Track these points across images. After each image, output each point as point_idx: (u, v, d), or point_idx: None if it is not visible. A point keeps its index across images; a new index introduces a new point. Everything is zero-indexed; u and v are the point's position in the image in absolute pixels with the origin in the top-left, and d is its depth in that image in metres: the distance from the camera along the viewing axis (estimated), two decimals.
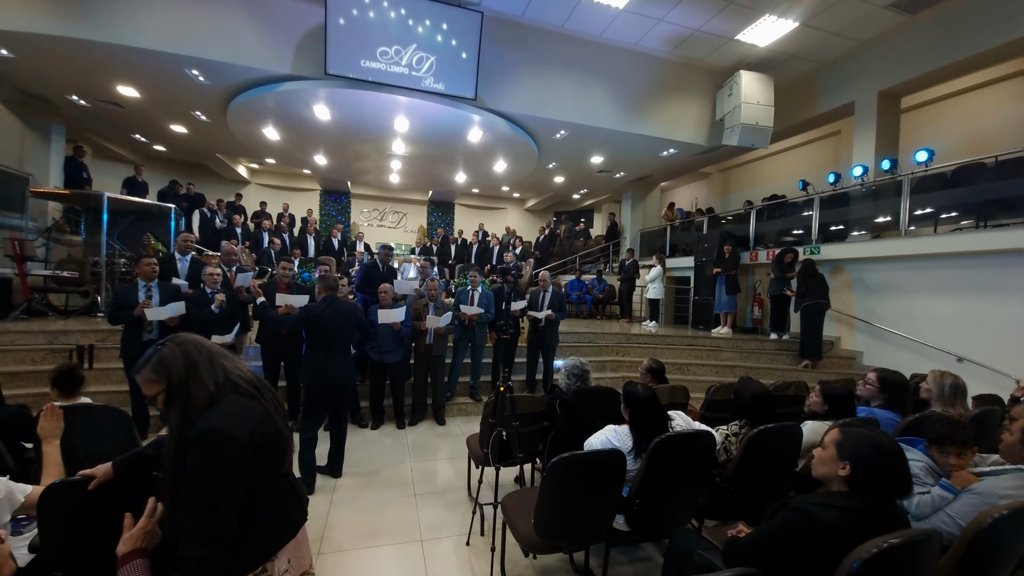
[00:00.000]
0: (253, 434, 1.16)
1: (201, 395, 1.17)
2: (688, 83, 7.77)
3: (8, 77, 6.47)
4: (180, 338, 1.25)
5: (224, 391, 1.20)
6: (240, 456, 1.12)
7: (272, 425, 1.24)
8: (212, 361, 1.23)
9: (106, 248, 6.42)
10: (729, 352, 6.84)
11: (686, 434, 2.15)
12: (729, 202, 11.76)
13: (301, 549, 1.42)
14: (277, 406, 1.31)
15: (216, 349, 1.27)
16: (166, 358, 1.19)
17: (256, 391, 1.26)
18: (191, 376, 1.18)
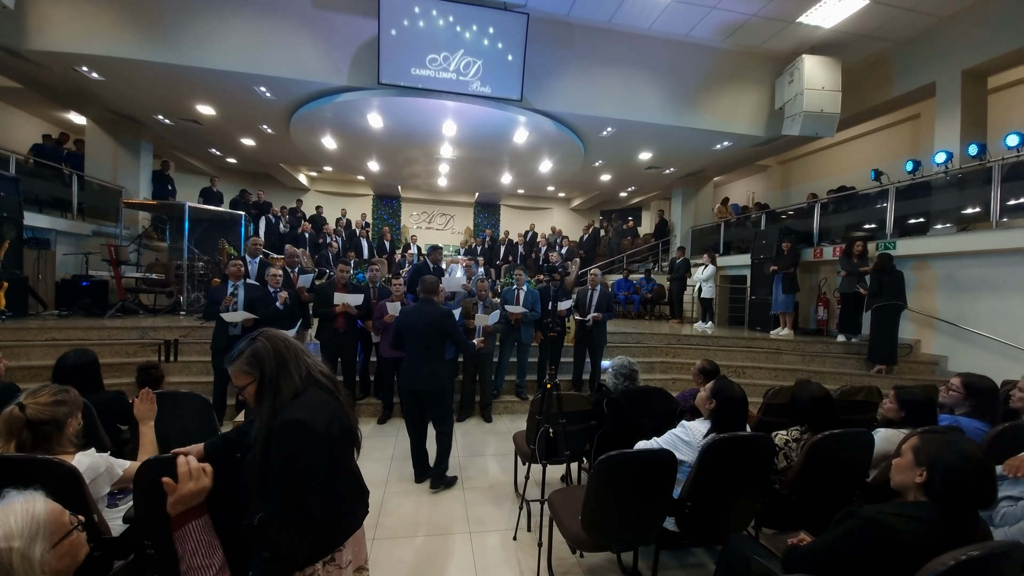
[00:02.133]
0: (331, 426, 1.22)
1: (289, 388, 1.23)
2: (744, 72, 7.39)
3: (101, 99, 7.28)
4: (270, 333, 1.32)
5: (307, 385, 1.27)
6: (319, 446, 1.18)
7: (346, 418, 1.31)
8: (298, 357, 1.29)
9: (187, 253, 7.07)
10: (790, 355, 6.44)
11: (741, 437, 2.06)
12: (790, 196, 11.05)
13: (359, 543, 1.49)
14: (349, 400, 1.38)
15: (300, 345, 1.35)
16: (259, 352, 1.25)
17: (333, 386, 1.34)
18: (281, 370, 1.24)
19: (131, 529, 1.74)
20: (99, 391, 2.43)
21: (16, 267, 5.86)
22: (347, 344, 4.77)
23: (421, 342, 3.34)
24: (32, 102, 8.61)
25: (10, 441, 1.53)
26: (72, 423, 1.66)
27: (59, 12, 5.51)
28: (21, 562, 0.84)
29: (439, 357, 3.42)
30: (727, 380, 2.23)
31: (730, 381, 2.23)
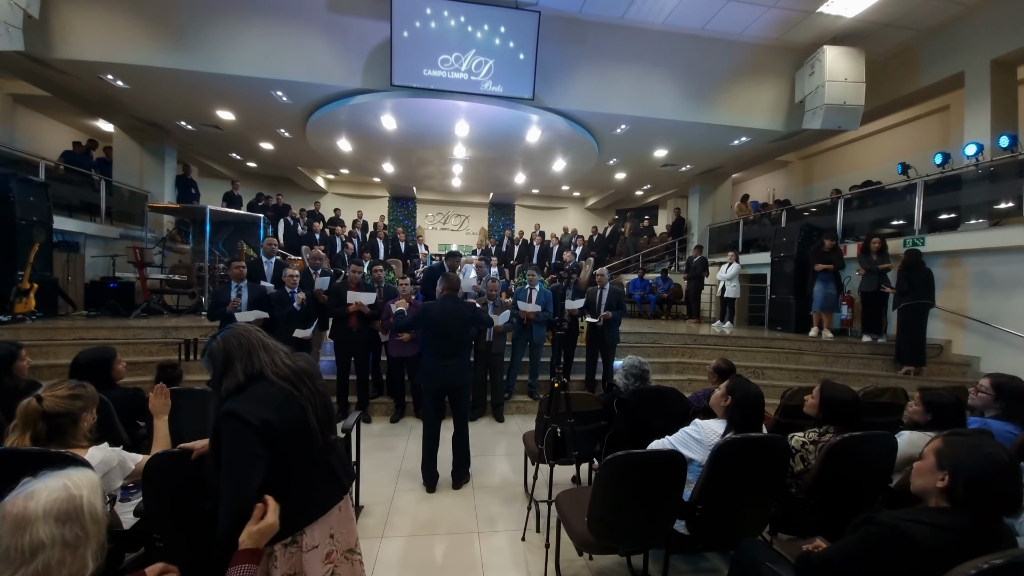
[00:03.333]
0: (271, 416, 1.29)
1: (231, 384, 1.33)
2: (762, 65, 7.21)
3: (127, 106, 7.54)
4: (229, 333, 1.42)
5: (254, 381, 1.35)
6: (250, 435, 1.25)
7: (298, 413, 1.36)
8: (250, 354, 1.38)
9: (208, 254, 7.26)
10: (812, 355, 6.24)
11: (755, 438, 1.99)
12: (812, 192, 10.74)
13: (346, 526, 1.51)
14: (314, 397, 1.42)
15: (261, 343, 1.42)
16: (212, 352, 1.38)
17: (291, 383, 1.39)
18: (227, 368, 1.35)
19: (141, 523, 1.77)
20: (114, 387, 2.49)
21: (46, 269, 6.09)
22: (360, 343, 4.81)
23: (456, 339, 3.35)
24: (61, 110, 8.96)
25: (26, 432, 1.57)
26: (87, 418, 1.70)
27: (83, 21, 5.71)
28: (90, 507, 0.97)
29: (469, 352, 3.54)
30: (743, 377, 2.16)
31: (747, 380, 2.16)
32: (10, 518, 0.89)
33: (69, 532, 0.93)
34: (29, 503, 0.90)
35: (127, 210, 8.64)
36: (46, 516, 0.91)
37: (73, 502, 0.95)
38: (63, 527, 0.93)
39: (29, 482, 0.95)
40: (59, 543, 0.92)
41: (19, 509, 0.89)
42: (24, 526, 0.89)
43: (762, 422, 2.16)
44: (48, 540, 0.91)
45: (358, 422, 3.00)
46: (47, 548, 0.91)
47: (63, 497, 0.94)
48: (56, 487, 0.95)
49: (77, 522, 0.95)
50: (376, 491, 3.28)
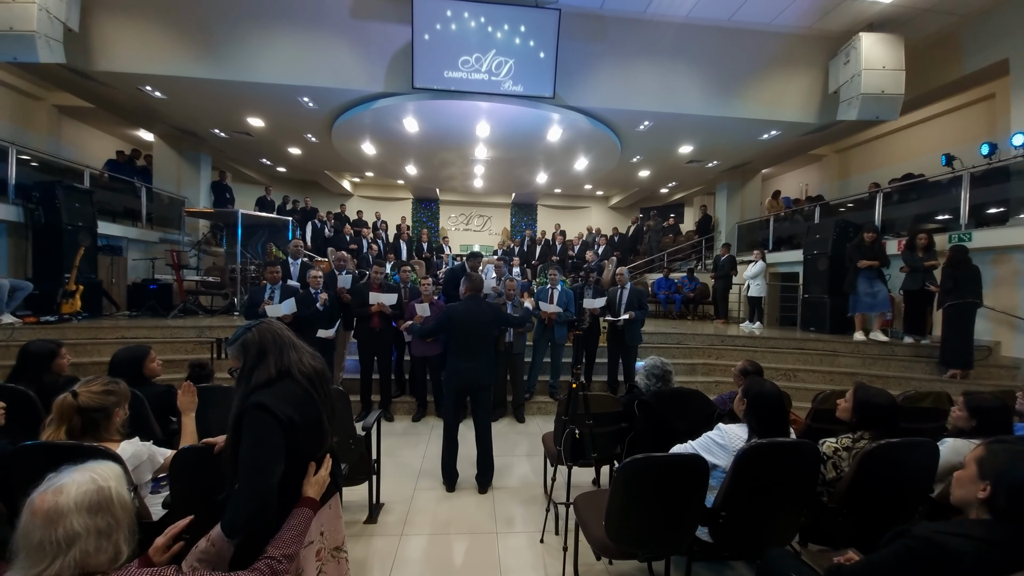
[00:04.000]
0: (293, 415, 1.32)
1: (261, 377, 1.36)
2: (793, 55, 6.94)
3: (164, 116, 7.90)
4: (263, 326, 1.45)
5: (282, 377, 1.38)
6: (276, 429, 1.29)
7: (314, 413, 1.41)
8: (282, 351, 1.41)
9: (240, 257, 7.52)
10: (848, 357, 5.96)
11: (782, 443, 1.91)
12: (849, 186, 10.28)
13: (334, 523, 1.55)
14: (327, 400, 1.47)
15: (291, 341, 1.46)
16: (248, 341, 1.41)
17: (311, 384, 1.42)
18: (260, 361, 1.38)
19: (169, 514, 1.84)
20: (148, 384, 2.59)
21: (91, 272, 6.43)
22: (383, 343, 4.88)
23: (479, 339, 3.36)
24: (104, 120, 9.46)
25: (61, 426, 1.65)
26: (119, 412, 1.78)
27: (121, 34, 6.00)
28: (119, 497, 1.02)
29: (491, 353, 3.54)
30: (759, 378, 2.08)
31: (763, 379, 2.07)
32: (41, 513, 0.93)
33: (102, 521, 0.98)
34: (59, 497, 0.94)
35: (166, 215, 9.05)
36: (78, 508, 0.95)
37: (103, 493, 0.99)
38: (95, 517, 0.97)
39: (53, 477, 0.99)
40: (93, 532, 0.96)
41: (50, 504, 0.93)
42: (57, 520, 0.93)
43: (787, 426, 2.06)
44: (83, 530, 0.95)
45: (378, 420, 3.04)
46: (82, 538, 0.95)
47: (92, 489, 0.99)
48: (84, 480, 0.99)
49: (108, 511, 0.99)
50: (397, 489, 3.32)
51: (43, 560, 0.92)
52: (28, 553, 0.91)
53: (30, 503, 0.95)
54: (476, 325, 3.35)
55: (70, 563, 0.93)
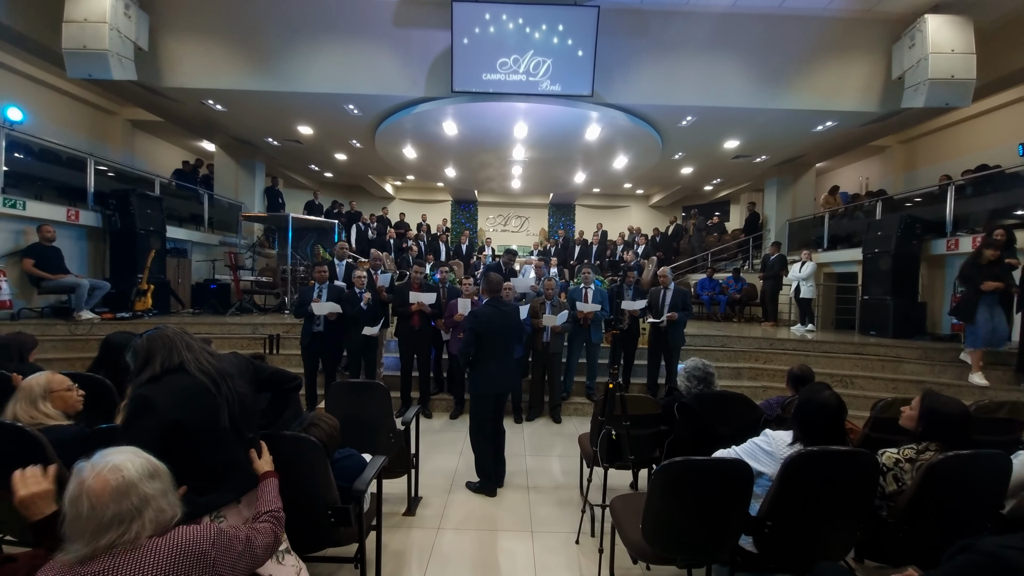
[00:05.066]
0: (174, 406, 1.42)
1: (146, 375, 1.47)
2: (851, 40, 6.49)
3: (224, 127, 8.47)
4: (154, 332, 1.57)
5: (171, 373, 1.48)
6: (150, 417, 1.39)
7: (206, 407, 1.48)
8: (171, 352, 1.51)
9: (291, 258, 7.93)
10: (915, 364, 5.51)
11: (834, 452, 1.79)
12: (915, 179, 9.49)
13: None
14: (232, 396, 1.54)
15: (185, 343, 1.56)
16: (136, 349, 1.54)
17: (213, 381, 1.51)
18: (146, 364, 1.49)
19: None
20: None
21: (160, 272, 6.98)
22: (422, 341, 5.00)
23: (503, 343, 3.35)
24: (171, 133, 10.24)
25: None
26: None
27: (185, 52, 6.49)
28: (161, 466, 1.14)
29: (512, 353, 3.54)
30: (814, 384, 1.96)
31: (819, 385, 1.96)
32: (108, 491, 1.02)
33: (160, 485, 1.11)
34: (122, 473, 1.04)
35: (225, 219, 9.68)
36: (141, 477, 1.07)
37: (151, 462, 1.12)
38: (155, 482, 1.10)
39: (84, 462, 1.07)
40: (159, 494, 1.09)
41: (117, 480, 1.02)
42: (127, 491, 1.04)
43: (842, 434, 1.94)
44: (152, 493, 1.08)
45: (417, 416, 3.11)
46: (153, 500, 1.07)
47: (142, 461, 1.11)
48: (131, 455, 1.10)
49: (160, 477, 1.12)
50: (434, 484, 3.38)
51: (120, 527, 1.02)
52: (98, 528, 1.00)
53: (87, 488, 1.01)
54: (502, 327, 3.33)
55: (145, 524, 1.05)
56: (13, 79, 7.49)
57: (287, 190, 11.95)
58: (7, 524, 1.95)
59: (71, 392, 2.07)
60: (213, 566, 1.10)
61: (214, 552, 1.11)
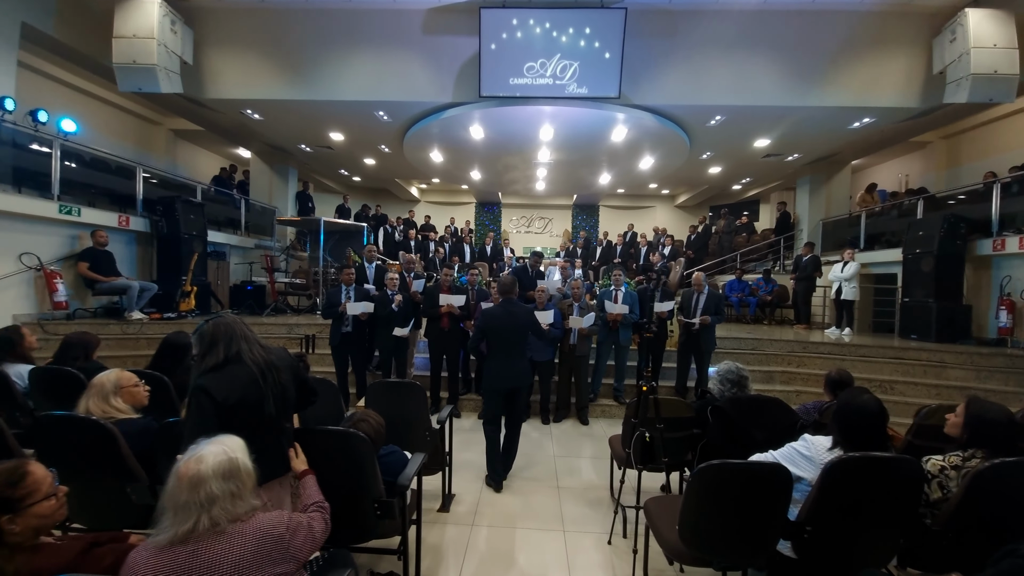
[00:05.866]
0: (230, 394, 1.55)
1: (210, 362, 1.60)
2: (889, 34, 6.29)
3: (260, 135, 8.82)
4: (219, 320, 1.68)
5: (230, 362, 1.60)
6: (208, 404, 1.53)
7: (256, 395, 1.61)
8: (231, 341, 1.63)
9: (322, 260, 8.19)
10: (958, 370, 5.31)
11: (877, 459, 1.77)
12: (959, 176, 9.08)
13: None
14: (276, 388, 1.66)
15: (243, 334, 1.68)
16: (203, 333, 1.65)
17: (261, 372, 1.63)
18: (210, 349, 1.62)
19: None
20: None
21: (202, 275, 7.32)
22: (451, 343, 5.09)
23: (511, 342, 3.43)
24: (211, 141, 10.72)
25: None
26: None
27: (226, 65, 6.80)
28: (244, 465, 1.22)
29: (526, 354, 3.63)
30: (854, 388, 1.94)
31: (859, 389, 1.94)
32: (186, 479, 1.13)
33: (232, 486, 1.18)
34: (200, 466, 1.14)
35: (260, 223, 10.06)
36: (215, 475, 1.15)
37: (232, 463, 1.19)
38: (228, 482, 1.17)
39: (193, 449, 1.19)
40: (227, 495, 1.16)
41: (193, 471, 1.13)
42: (199, 484, 1.13)
43: (883, 440, 1.91)
44: (220, 493, 1.15)
45: (451, 416, 3.20)
46: (220, 499, 1.15)
47: (224, 459, 1.19)
48: (218, 451, 1.19)
49: (237, 477, 1.19)
50: (465, 481, 3.46)
51: (189, 517, 1.12)
52: (175, 511, 1.11)
53: (176, 470, 1.15)
54: (512, 328, 3.40)
55: (211, 519, 1.13)
56: (66, 92, 8.02)
57: (316, 194, 12.30)
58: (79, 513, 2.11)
59: (138, 388, 2.24)
60: (287, 548, 1.19)
61: (288, 535, 1.20)
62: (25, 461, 1.22)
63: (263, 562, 1.14)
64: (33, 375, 2.90)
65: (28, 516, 1.13)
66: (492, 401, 3.51)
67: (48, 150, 5.87)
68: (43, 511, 1.17)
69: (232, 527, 1.14)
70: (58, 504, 1.23)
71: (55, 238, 5.91)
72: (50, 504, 1.19)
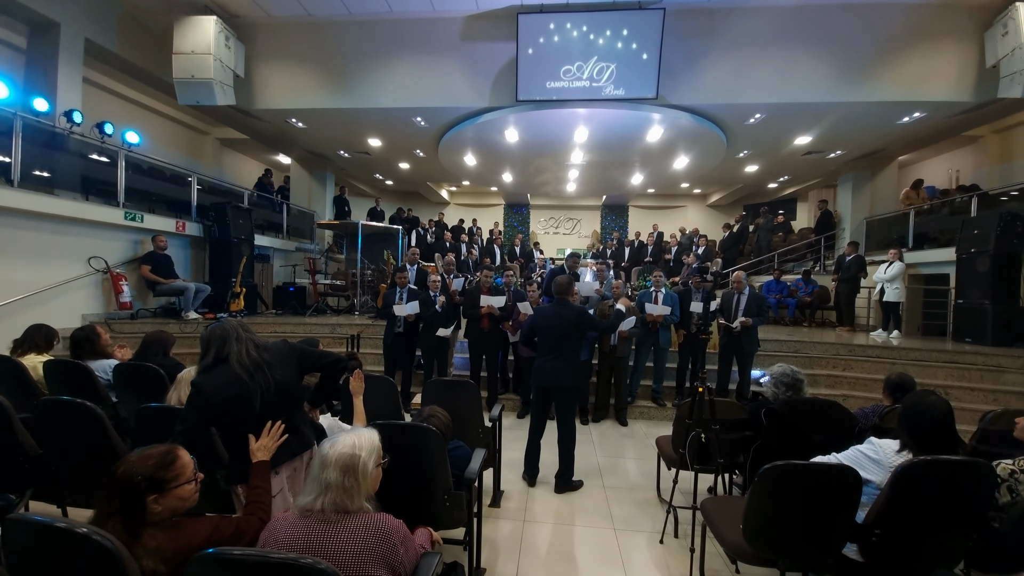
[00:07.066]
0: (219, 391, 1.66)
1: (206, 360, 1.74)
2: (939, 27, 6.07)
3: (301, 142, 9.17)
4: (216, 325, 1.82)
5: (219, 363, 1.72)
6: (197, 399, 1.66)
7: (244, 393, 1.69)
8: (226, 343, 1.75)
9: (359, 262, 8.44)
10: (1016, 374, 5.07)
11: (950, 462, 1.76)
12: (1013, 172, 8.61)
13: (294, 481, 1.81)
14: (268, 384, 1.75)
15: (236, 335, 1.79)
16: (202, 338, 1.80)
17: (248, 372, 1.72)
18: (205, 352, 1.75)
19: None
20: None
21: (250, 277, 7.68)
22: (491, 343, 5.19)
23: (559, 342, 3.46)
24: (253, 148, 11.21)
25: None
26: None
27: (275, 76, 7.13)
28: (363, 466, 1.30)
29: (577, 355, 3.58)
30: (918, 391, 1.93)
31: (924, 391, 1.92)
32: (318, 457, 1.27)
33: (347, 481, 1.26)
34: (331, 450, 1.26)
35: (300, 227, 10.46)
36: (336, 463, 1.26)
37: (353, 459, 1.28)
38: (344, 476, 1.26)
39: (340, 433, 1.32)
40: (337, 488, 1.25)
41: (325, 453, 1.25)
42: (326, 466, 1.26)
43: (953, 440, 1.89)
44: (334, 483, 1.25)
45: (500, 414, 3.29)
46: (333, 489, 1.25)
47: (348, 453, 1.28)
48: (348, 443, 1.30)
49: (353, 475, 1.28)
50: (510, 479, 3.53)
51: (313, 491, 1.24)
52: (311, 482, 1.26)
53: (322, 446, 1.29)
54: (560, 327, 3.43)
55: (326, 503, 1.24)
56: (123, 104, 8.56)
57: (351, 198, 12.67)
58: None
59: None
60: (395, 554, 1.26)
61: (399, 545, 1.27)
62: (174, 446, 1.35)
63: (374, 561, 1.22)
64: (117, 370, 3.13)
65: (171, 497, 1.26)
66: (533, 399, 3.59)
67: (113, 160, 6.28)
68: (184, 494, 1.29)
69: (359, 515, 1.24)
70: (195, 488, 1.35)
71: (120, 243, 6.33)
72: (190, 488, 1.31)
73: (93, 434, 2.15)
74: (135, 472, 1.22)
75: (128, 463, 1.24)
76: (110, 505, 1.21)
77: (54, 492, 2.31)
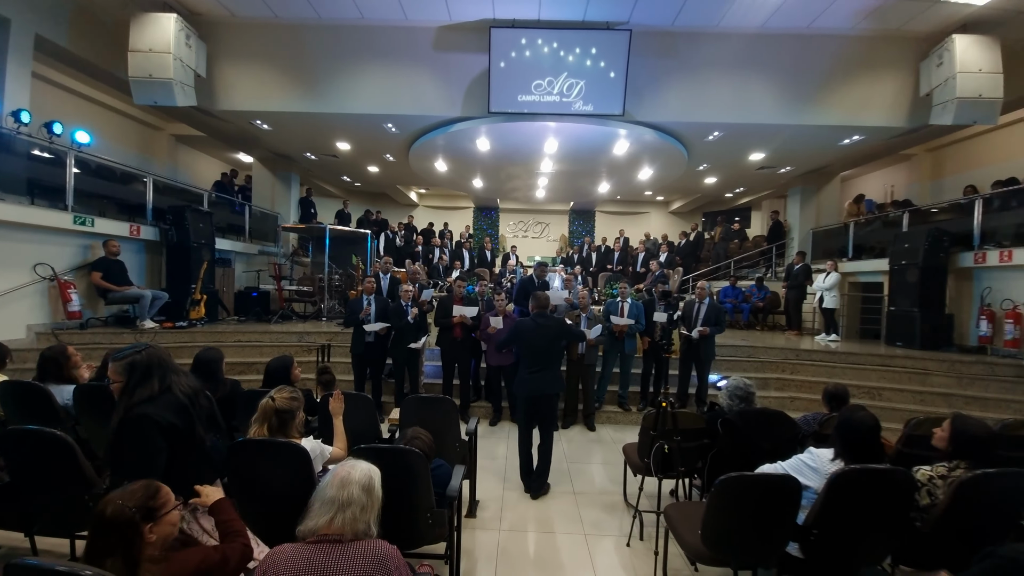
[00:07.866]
0: (175, 420, 1.69)
1: (142, 395, 1.69)
2: (879, 58, 6.64)
3: (265, 143, 8.93)
4: (151, 350, 1.79)
5: (163, 393, 1.73)
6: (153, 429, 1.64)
7: (187, 420, 1.74)
8: (164, 375, 1.76)
9: (327, 267, 8.30)
10: (941, 376, 5.63)
11: (875, 471, 2.02)
12: (942, 189, 9.51)
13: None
14: (202, 412, 1.82)
15: (172, 366, 1.81)
16: (135, 363, 1.72)
17: (189, 400, 1.78)
18: (144, 380, 1.71)
19: None
20: None
21: (210, 282, 7.40)
22: (463, 352, 5.28)
23: (546, 355, 3.61)
24: (212, 146, 10.77)
25: (263, 424, 2.11)
26: (299, 415, 2.22)
27: (239, 78, 6.94)
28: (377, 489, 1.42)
29: (559, 364, 3.81)
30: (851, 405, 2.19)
31: (856, 407, 2.19)
32: (338, 478, 1.37)
33: (367, 499, 1.38)
34: (352, 471, 1.38)
35: (263, 229, 10.14)
36: (359, 482, 1.38)
37: (372, 482, 1.42)
38: (364, 494, 1.38)
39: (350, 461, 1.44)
40: (358, 504, 1.36)
41: (345, 473, 1.37)
42: (347, 484, 1.36)
43: (879, 451, 2.16)
44: (356, 499, 1.36)
45: (476, 427, 3.39)
46: (353, 505, 1.35)
47: (368, 475, 1.42)
48: (366, 467, 1.44)
49: (371, 494, 1.40)
50: (486, 488, 3.65)
51: (329, 511, 1.33)
52: (321, 504, 1.34)
53: (336, 472, 1.39)
54: (542, 339, 3.61)
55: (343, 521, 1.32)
56: (69, 98, 8.06)
57: (317, 199, 12.39)
58: None
59: None
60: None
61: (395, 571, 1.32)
62: (150, 480, 1.39)
63: None
64: (78, 391, 3.02)
65: (163, 524, 1.31)
66: (520, 410, 3.75)
67: (62, 161, 5.92)
68: (173, 519, 1.35)
69: (356, 543, 1.32)
70: (180, 514, 1.42)
71: (68, 248, 5.98)
72: (176, 514, 1.38)
73: (62, 462, 2.11)
74: (126, 507, 1.26)
75: (114, 502, 1.27)
76: (105, 544, 1.24)
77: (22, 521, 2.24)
